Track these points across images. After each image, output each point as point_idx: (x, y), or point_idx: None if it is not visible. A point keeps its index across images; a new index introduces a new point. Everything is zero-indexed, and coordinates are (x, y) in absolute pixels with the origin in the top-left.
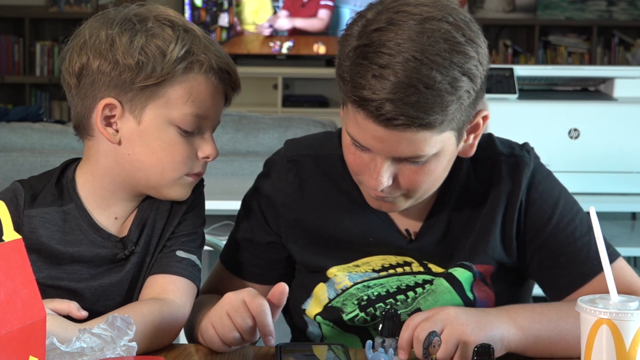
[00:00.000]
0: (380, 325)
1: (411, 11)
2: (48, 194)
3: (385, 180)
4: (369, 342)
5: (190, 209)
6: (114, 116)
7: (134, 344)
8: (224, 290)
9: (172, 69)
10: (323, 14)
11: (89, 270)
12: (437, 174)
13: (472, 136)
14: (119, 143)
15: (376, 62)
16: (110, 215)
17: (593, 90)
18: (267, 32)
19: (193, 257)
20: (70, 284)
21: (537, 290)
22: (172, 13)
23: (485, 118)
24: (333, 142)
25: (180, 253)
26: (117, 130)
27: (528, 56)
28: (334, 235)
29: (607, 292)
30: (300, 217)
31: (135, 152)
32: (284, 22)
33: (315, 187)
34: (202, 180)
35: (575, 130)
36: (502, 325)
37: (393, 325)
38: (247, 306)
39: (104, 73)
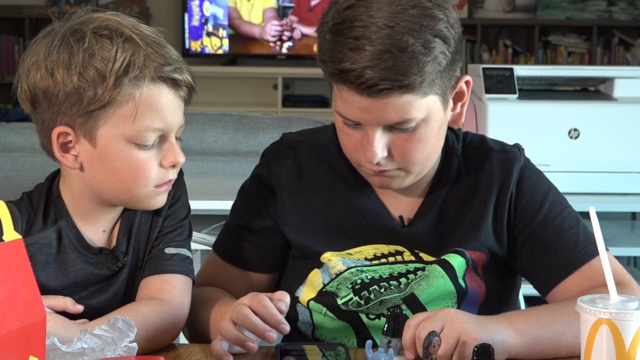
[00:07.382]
0: (385, 326)
1: None
2: (43, 216)
3: (379, 151)
4: (369, 342)
5: (173, 203)
6: (70, 141)
7: (134, 344)
8: (220, 280)
9: (115, 90)
10: None
11: (87, 289)
12: (429, 143)
13: (459, 104)
14: (81, 168)
15: (351, 35)
16: (99, 229)
17: (593, 90)
18: (273, 36)
19: (182, 251)
20: None
21: (530, 290)
22: (113, 20)
23: (468, 83)
24: (329, 131)
25: (169, 250)
26: (76, 155)
27: (528, 56)
28: (329, 218)
29: (594, 281)
30: (298, 200)
31: (99, 174)
32: (294, 32)
33: (312, 171)
34: (180, 171)
35: (575, 130)
36: (502, 330)
37: (397, 325)
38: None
39: (51, 100)
